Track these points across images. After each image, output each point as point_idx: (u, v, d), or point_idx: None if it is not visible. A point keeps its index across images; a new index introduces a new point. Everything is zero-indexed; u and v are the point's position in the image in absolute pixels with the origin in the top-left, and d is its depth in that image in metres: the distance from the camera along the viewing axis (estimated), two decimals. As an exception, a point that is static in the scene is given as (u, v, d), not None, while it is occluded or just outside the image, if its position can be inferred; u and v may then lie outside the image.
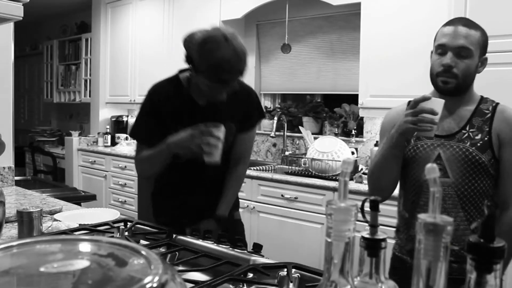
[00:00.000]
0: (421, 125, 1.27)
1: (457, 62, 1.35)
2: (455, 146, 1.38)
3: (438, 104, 1.29)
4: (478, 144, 1.37)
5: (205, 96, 1.56)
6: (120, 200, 4.47)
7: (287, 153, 3.69)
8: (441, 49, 1.39)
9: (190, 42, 1.58)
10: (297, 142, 3.81)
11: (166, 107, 1.63)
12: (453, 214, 1.37)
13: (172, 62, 4.45)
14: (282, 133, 3.78)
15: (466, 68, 1.36)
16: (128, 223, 1.46)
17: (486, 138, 1.37)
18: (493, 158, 1.37)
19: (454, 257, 1.28)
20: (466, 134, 1.39)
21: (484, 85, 2.25)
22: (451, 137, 1.41)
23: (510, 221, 1.38)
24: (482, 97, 1.46)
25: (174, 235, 1.36)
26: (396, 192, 1.53)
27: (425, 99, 1.29)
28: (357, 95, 3.15)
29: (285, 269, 1.08)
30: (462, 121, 1.41)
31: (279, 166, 3.67)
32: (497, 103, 1.44)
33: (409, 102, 1.51)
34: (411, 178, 1.45)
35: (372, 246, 0.58)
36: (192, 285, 0.98)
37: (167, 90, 1.69)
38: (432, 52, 1.49)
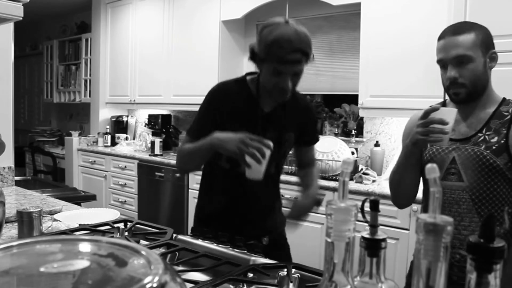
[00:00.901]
0: (431, 136, 1.28)
1: (460, 72, 1.34)
2: (469, 150, 1.36)
3: (448, 113, 1.29)
4: (494, 147, 1.34)
5: (271, 90, 1.50)
6: (120, 200, 4.47)
7: (287, 153, 3.69)
8: (441, 63, 1.39)
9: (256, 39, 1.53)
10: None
11: (226, 107, 1.57)
12: (467, 219, 1.35)
13: (172, 62, 4.47)
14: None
15: (471, 74, 1.34)
16: (128, 223, 1.46)
17: (502, 141, 1.33)
18: (510, 162, 1.33)
19: (465, 263, 1.27)
20: (482, 137, 1.37)
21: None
22: (467, 141, 1.39)
23: None
24: (504, 98, 1.42)
25: (174, 235, 1.36)
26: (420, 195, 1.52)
27: (434, 109, 1.28)
28: (357, 95, 3.15)
29: (285, 269, 1.08)
30: (479, 124, 1.39)
31: (279, 166, 3.67)
32: None
33: (432, 106, 1.49)
34: (427, 182, 1.44)
35: (372, 246, 0.58)
36: (192, 285, 0.98)
37: (231, 90, 1.62)
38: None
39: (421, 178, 1.50)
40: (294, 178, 3.05)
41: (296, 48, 1.41)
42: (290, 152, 1.78)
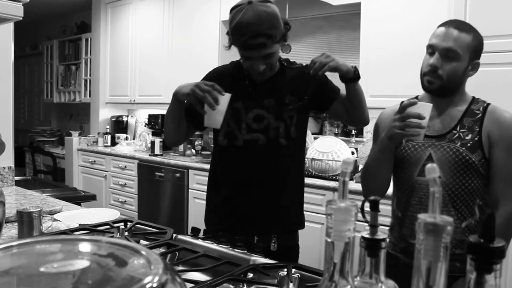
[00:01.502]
0: (408, 130, 1.29)
1: (443, 64, 1.37)
2: (445, 147, 1.40)
3: (425, 108, 1.30)
4: (468, 144, 1.39)
5: (251, 72, 1.56)
6: (120, 200, 4.47)
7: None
8: (430, 49, 1.41)
9: None
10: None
11: (222, 85, 1.54)
12: (444, 213, 1.37)
13: (172, 62, 4.47)
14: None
15: (452, 70, 1.37)
16: (128, 223, 1.46)
17: (476, 138, 1.39)
18: (483, 158, 1.39)
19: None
20: (457, 135, 1.41)
21: (484, 84, 2.26)
22: (442, 138, 1.42)
23: (501, 220, 1.39)
24: (473, 97, 1.47)
25: (174, 235, 1.35)
26: (390, 191, 1.55)
27: (411, 104, 1.30)
28: (357, 95, 3.15)
29: (285, 269, 1.08)
30: (452, 121, 1.43)
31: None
32: (488, 104, 1.45)
33: (402, 103, 1.52)
34: (403, 178, 1.47)
35: (372, 246, 0.58)
36: (192, 285, 0.98)
37: (225, 70, 1.69)
38: None
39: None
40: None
41: (257, 32, 1.40)
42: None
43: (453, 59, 1.36)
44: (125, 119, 5.23)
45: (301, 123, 1.61)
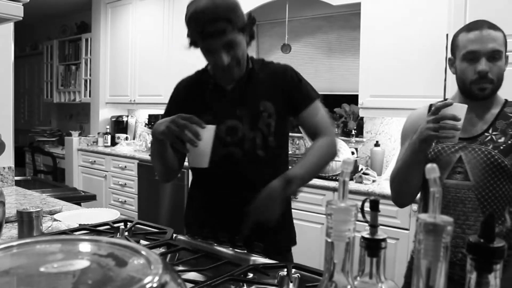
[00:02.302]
0: (443, 132, 1.24)
1: (491, 67, 1.32)
2: (477, 149, 1.36)
3: (460, 109, 1.25)
4: (501, 147, 1.34)
5: (215, 72, 1.42)
6: (120, 200, 4.47)
7: (287, 153, 3.69)
8: (471, 55, 1.34)
9: None
10: (297, 142, 3.81)
11: (191, 96, 1.48)
12: (472, 219, 1.34)
13: (172, 61, 4.47)
14: (282, 133, 3.78)
15: (499, 71, 1.34)
16: (128, 223, 1.46)
17: (509, 142, 1.34)
18: None
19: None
20: (489, 137, 1.37)
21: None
22: (473, 140, 1.38)
23: None
24: (506, 100, 1.43)
25: (174, 235, 1.35)
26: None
27: (447, 105, 1.24)
28: (357, 95, 3.15)
29: (285, 269, 1.08)
30: (485, 123, 1.39)
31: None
32: None
33: (431, 105, 1.48)
34: (427, 181, 1.44)
35: (372, 246, 0.58)
36: (192, 285, 0.98)
37: (192, 80, 1.54)
38: (450, 60, 1.45)
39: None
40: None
41: (214, 17, 1.27)
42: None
43: (498, 59, 1.33)
44: (125, 119, 5.23)
45: (280, 130, 1.43)
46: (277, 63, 1.51)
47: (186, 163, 1.45)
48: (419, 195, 1.52)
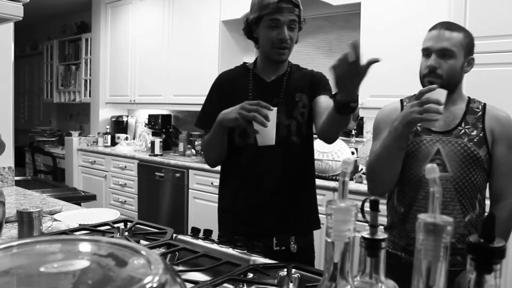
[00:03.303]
0: (427, 115, 1.30)
1: (441, 63, 1.42)
2: (453, 142, 1.45)
3: (442, 94, 1.32)
4: (475, 140, 1.44)
5: (270, 48, 1.56)
6: (120, 200, 4.47)
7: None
8: (426, 52, 1.46)
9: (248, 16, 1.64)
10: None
11: (232, 89, 1.63)
12: (450, 207, 1.43)
13: (172, 62, 4.47)
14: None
15: (450, 69, 1.42)
16: (128, 223, 1.46)
17: (481, 134, 1.45)
18: (487, 154, 1.46)
19: None
20: (463, 131, 1.46)
21: (484, 84, 2.26)
22: (449, 133, 1.47)
23: (505, 214, 1.46)
24: (469, 97, 1.53)
25: (174, 235, 1.36)
26: None
27: (430, 89, 1.31)
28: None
29: (285, 269, 1.08)
30: (456, 118, 1.48)
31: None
32: (485, 103, 1.52)
33: (401, 100, 1.60)
34: (409, 173, 1.49)
35: (372, 246, 0.58)
36: (192, 285, 0.98)
37: (233, 73, 1.70)
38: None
39: None
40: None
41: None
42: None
43: (449, 57, 1.42)
44: (125, 119, 5.23)
45: (310, 121, 1.62)
46: (311, 69, 1.72)
47: (186, 164, 1.46)
48: None
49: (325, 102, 1.56)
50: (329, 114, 1.41)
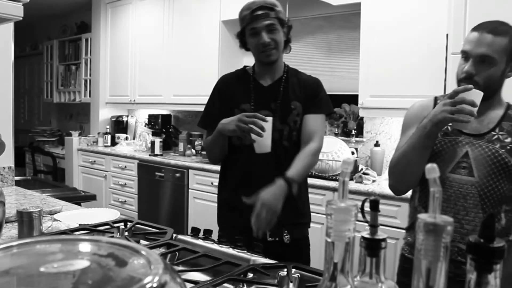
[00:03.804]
0: (460, 116, 1.24)
1: (479, 70, 1.33)
2: (484, 146, 1.36)
3: (477, 95, 1.26)
4: (508, 147, 1.35)
5: (258, 53, 1.68)
6: (120, 200, 4.47)
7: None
8: (464, 55, 1.37)
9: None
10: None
11: (232, 93, 1.75)
12: (472, 214, 1.35)
13: (172, 62, 4.47)
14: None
15: (488, 76, 1.33)
16: (128, 223, 1.46)
17: None
18: None
19: (464, 258, 1.27)
20: (496, 136, 1.37)
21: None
22: (480, 137, 1.38)
23: None
24: (509, 103, 1.44)
25: (174, 235, 1.36)
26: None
27: (466, 89, 1.25)
28: (357, 95, 3.15)
29: (285, 269, 1.08)
30: (491, 122, 1.39)
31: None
32: None
33: (436, 98, 1.51)
34: None
35: (372, 246, 0.58)
36: (192, 285, 0.98)
37: (231, 77, 1.82)
38: None
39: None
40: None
41: (261, 6, 1.63)
42: None
43: (488, 64, 1.32)
44: (125, 119, 5.23)
45: (300, 129, 1.71)
46: (309, 74, 1.80)
47: (186, 164, 1.47)
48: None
49: (311, 125, 1.69)
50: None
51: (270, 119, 1.53)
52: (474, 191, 1.35)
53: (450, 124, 1.35)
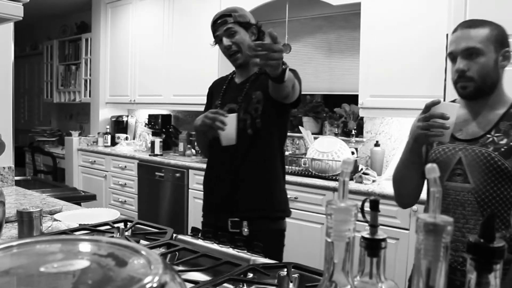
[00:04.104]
0: (433, 130, 1.25)
1: (469, 65, 1.31)
2: (477, 151, 1.33)
3: (451, 108, 1.25)
4: (502, 150, 1.30)
5: (228, 58, 1.85)
6: (120, 200, 4.47)
7: (287, 153, 3.69)
8: (451, 56, 1.37)
9: None
10: (297, 142, 3.81)
11: (216, 90, 1.97)
12: (472, 222, 1.32)
13: (172, 62, 4.47)
14: (282, 133, 3.78)
15: (480, 68, 1.30)
16: (128, 223, 1.46)
17: (511, 144, 1.30)
18: None
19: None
20: (491, 139, 1.33)
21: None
22: (474, 141, 1.35)
23: None
24: None
25: (174, 235, 1.36)
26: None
27: (434, 103, 1.25)
28: (357, 95, 3.15)
29: (285, 269, 1.08)
30: (488, 124, 1.35)
31: (279, 166, 3.66)
32: None
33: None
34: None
35: (372, 246, 0.58)
36: (192, 285, 0.98)
37: (220, 79, 2.03)
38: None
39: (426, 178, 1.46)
40: (293, 178, 3.05)
41: (220, 15, 1.84)
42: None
43: (476, 56, 1.31)
44: (125, 119, 5.23)
45: (267, 114, 1.76)
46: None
47: (186, 163, 1.48)
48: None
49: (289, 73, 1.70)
50: (270, 84, 1.65)
51: (233, 115, 1.67)
52: (471, 198, 1.32)
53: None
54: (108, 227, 1.43)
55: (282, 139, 1.86)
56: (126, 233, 1.40)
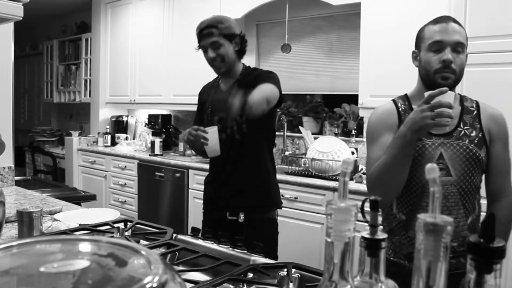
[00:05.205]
0: (440, 120, 1.22)
1: (454, 58, 1.35)
2: (455, 144, 1.39)
3: (451, 97, 1.24)
4: (475, 141, 1.40)
5: (212, 69, 1.95)
6: (120, 200, 4.48)
7: (287, 153, 3.69)
8: (437, 45, 1.36)
9: None
10: (297, 142, 3.81)
11: (204, 97, 2.08)
12: (454, 212, 1.38)
13: (172, 62, 4.46)
14: (282, 133, 3.78)
15: (461, 64, 1.37)
16: (128, 223, 1.46)
17: (480, 135, 1.41)
18: (486, 154, 1.42)
19: (452, 254, 1.28)
20: (463, 132, 1.41)
21: (484, 84, 2.26)
22: (449, 135, 1.40)
23: (505, 212, 1.44)
24: (460, 95, 1.49)
25: (174, 235, 1.36)
26: None
27: (442, 92, 1.22)
28: (357, 95, 3.15)
29: (285, 269, 1.08)
30: (454, 119, 1.38)
31: (279, 166, 3.66)
32: (476, 101, 1.47)
33: (394, 100, 1.52)
34: (412, 179, 1.39)
35: (372, 246, 0.58)
36: (192, 285, 0.98)
37: (207, 85, 2.13)
38: (414, 52, 1.47)
39: None
40: (293, 178, 3.05)
41: (206, 25, 1.87)
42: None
43: (461, 52, 1.36)
44: (125, 119, 5.23)
45: (250, 120, 1.84)
46: (264, 70, 1.99)
47: (186, 164, 1.51)
48: None
49: (263, 87, 1.76)
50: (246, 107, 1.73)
51: (214, 129, 1.79)
52: (454, 189, 1.38)
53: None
54: (108, 227, 1.43)
55: (270, 138, 2.01)
56: (126, 233, 1.40)
